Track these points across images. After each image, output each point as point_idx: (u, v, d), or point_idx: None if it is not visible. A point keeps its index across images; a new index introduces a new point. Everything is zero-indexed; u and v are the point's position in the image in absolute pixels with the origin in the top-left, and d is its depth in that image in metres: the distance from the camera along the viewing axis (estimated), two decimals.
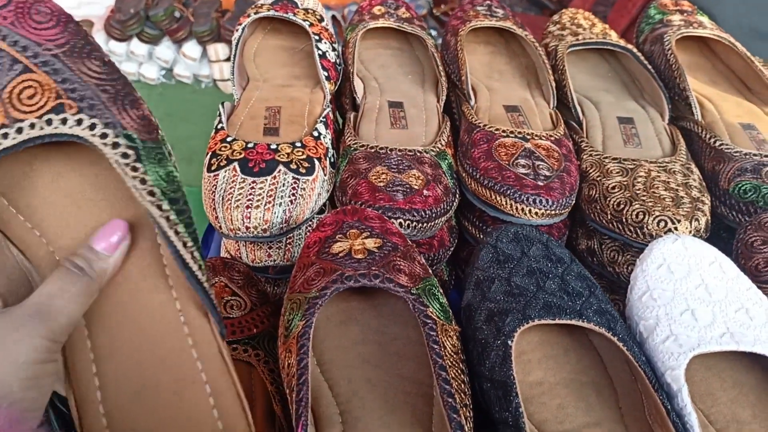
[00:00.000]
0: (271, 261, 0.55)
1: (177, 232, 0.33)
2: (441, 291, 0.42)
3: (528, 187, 0.53)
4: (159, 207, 0.33)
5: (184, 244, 0.33)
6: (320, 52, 0.67)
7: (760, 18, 0.98)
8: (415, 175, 0.55)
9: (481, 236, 0.59)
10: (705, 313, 0.38)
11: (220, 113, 0.60)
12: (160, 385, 0.33)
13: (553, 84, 0.66)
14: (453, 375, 0.36)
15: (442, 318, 0.39)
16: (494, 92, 0.67)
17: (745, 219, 0.55)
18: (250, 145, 0.55)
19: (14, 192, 0.35)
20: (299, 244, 0.55)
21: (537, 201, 0.53)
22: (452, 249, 0.60)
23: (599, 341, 0.41)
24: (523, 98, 0.66)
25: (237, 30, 0.69)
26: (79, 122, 0.33)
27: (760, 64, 0.68)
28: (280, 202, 0.52)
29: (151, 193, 0.34)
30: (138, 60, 2.26)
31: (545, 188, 0.53)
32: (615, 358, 0.40)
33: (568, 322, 0.38)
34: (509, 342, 0.36)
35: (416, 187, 0.54)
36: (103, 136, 0.33)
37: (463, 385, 0.36)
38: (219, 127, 0.58)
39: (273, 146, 0.55)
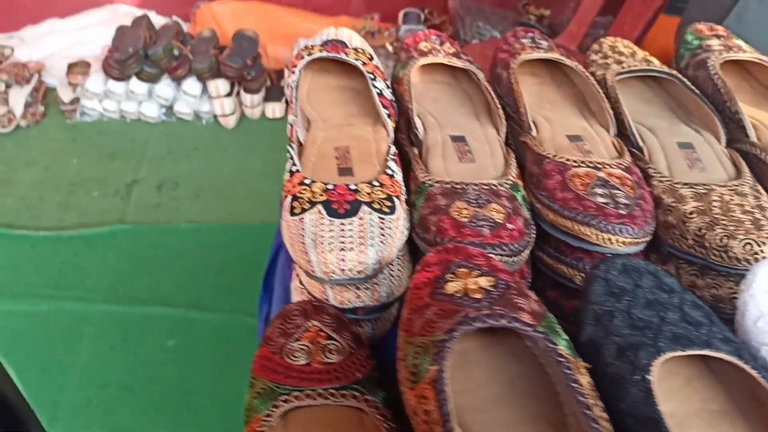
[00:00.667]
0: (359, 302, 0.54)
1: None
2: (560, 326, 0.42)
3: (612, 216, 0.54)
4: None
5: None
6: (377, 91, 0.68)
7: None
8: (495, 208, 0.55)
9: (559, 266, 0.59)
10: None
11: (291, 155, 0.60)
12: None
13: (611, 112, 0.67)
14: (597, 414, 0.36)
15: (571, 355, 0.39)
16: (553, 122, 0.68)
17: None
18: (329, 187, 0.55)
19: None
20: (385, 284, 0.55)
21: (623, 230, 0.53)
22: (530, 280, 0.60)
23: (723, 369, 0.42)
24: (582, 127, 0.68)
25: (293, 73, 0.69)
26: None
27: None
28: (372, 243, 0.52)
29: None
30: (138, 99, 2.26)
31: (629, 216, 0.54)
32: (742, 385, 0.41)
33: (700, 352, 0.38)
34: (648, 377, 0.37)
35: (499, 221, 0.54)
36: None
37: (606, 423, 0.36)
38: (294, 169, 0.58)
39: (352, 186, 0.55)
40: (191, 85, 2.25)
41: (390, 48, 2.39)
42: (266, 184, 2.10)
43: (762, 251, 0.52)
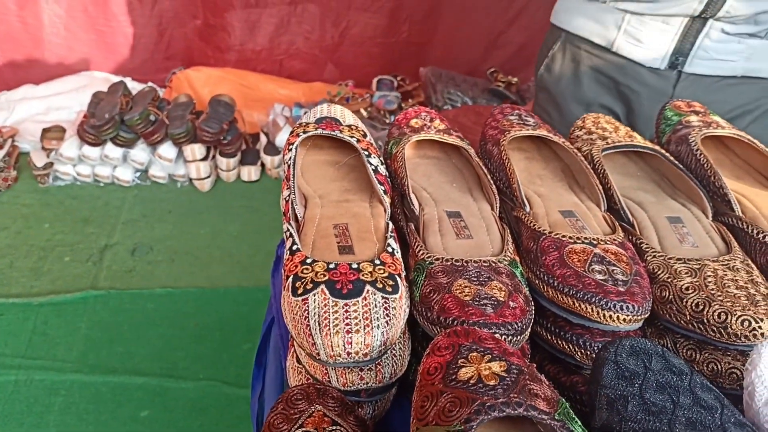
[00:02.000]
0: (363, 384, 0.54)
1: None
2: (573, 411, 0.42)
3: (612, 293, 0.55)
4: None
5: None
6: (372, 167, 0.69)
7: None
8: (497, 286, 0.56)
9: (558, 342, 0.59)
10: None
11: (291, 234, 0.60)
12: None
13: (600, 187, 0.69)
14: None
15: None
16: (544, 198, 0.70)
17: None
18: (331, 266, 0.55)
19: None
20: (388, 364, 0.55)
21: (623, 307, 0.54)
22: (530, 357, 0.60)
23: None
24: (574, 203, 0.69)
25: (289, 150, 0.70)
26: None
27: None
28: (377, 324, 0.51)
29: None
30: (112, 163, 2.25)
31: (628, 293, 0.55)
32: None
33: None
34: None
35: (502, 299, 0.55)
36: None
37: None
38: (295, 248, 0.58)
39: (354, 266, 0.55)
40: (167, 149, 2.25)
41: (365, 113, 2.44)
42: (243, 247, 2.09)
43: (760, 327, 0.53)
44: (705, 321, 0.55)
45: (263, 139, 2.41)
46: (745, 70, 1.02)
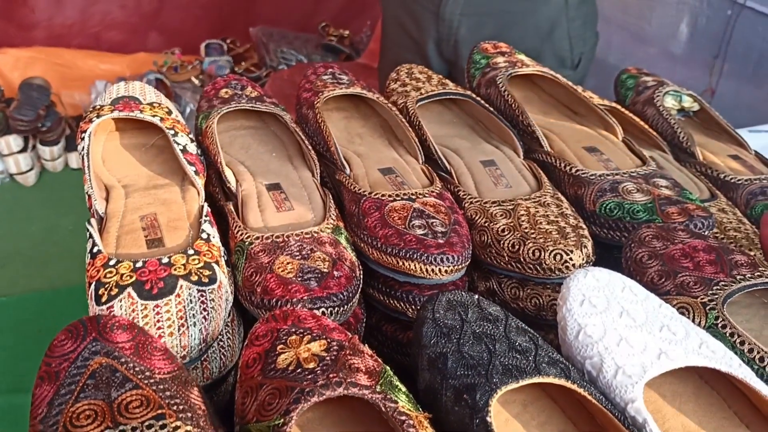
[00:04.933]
0: None
1: None
2: (397, 378, 0.42)
3: (432, 247, 0.55)
4: None
5: None
6: (180, 147, 0.64)
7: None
8: (320, 257, 0.54)
9: (390, 301, 0.59)
10: (637, 339, 0.42)
11: (90, 234, 0.55)
12: None
13: (416, 140, 0.69)
14: None
15: (413, 409, 0.39)
16: (364, 157, 0.68)
17: (615, 235, 0.62)
18: (138, 264, 0.51)
19: None
20: (215, 358, 0.52)
21: (443, 259, 0.55)
22: (365, 320, 0.59)
23: (553, 390, 0.44)
24: (392, 158, 0.69)
25: (82, 139, 0.63)
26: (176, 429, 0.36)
27: (582, 91, 0.77)
28: (194, 322, 0.48)
29: None
30: None
31: (447, 245, 0.55)
32: (573, 404, 0.43)
33: (531, 381, 0.40)
34: (488, 419, 0.37)
35: (326, 270, 0.53)
36: None
37: None
38: (95, 251, 0.53)
39: (164, 260, 0.51)
40: None
41: (196, 81, 2.31)
42: (81, 240, 1.92)
43: (571, 258, 0.56)
44: (521, 260, 0.57)
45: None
46: None
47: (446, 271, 0.55)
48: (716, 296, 0.48)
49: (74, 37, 2.54)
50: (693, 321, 0.47)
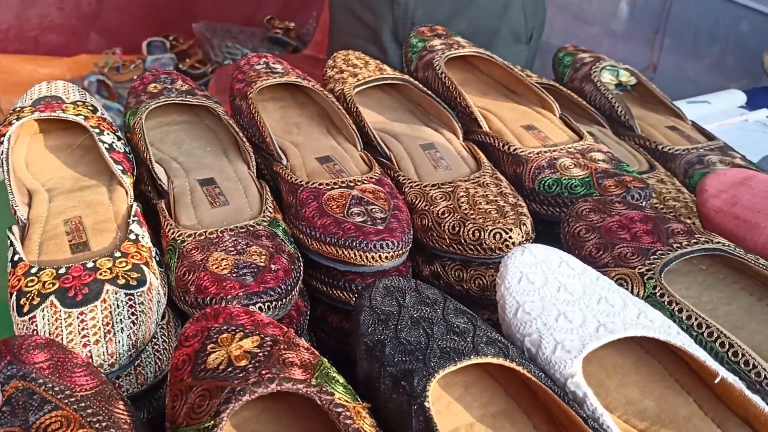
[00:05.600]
0: (125, 392, 0.48)
1: None
2: (335, 369, 0.40)
3: (371, 234, 0.54)
4: None
5: None
6: (106, 146, 0.62)
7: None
8: (257, 251, 0.53)
9: (334, 291, 0.58)
10: (575, 313, 0.42)
11: (11, 242, 0.52)
12: None
13: (354, 127, 0.68)
14: None
15: (350, 400, 0.38)
16: (301, 147, 0.67)
17: (555, 211, 0.61)
18: (61, 271, 0.48)
19: None
20: (150, 362, 0.50)
21: (383, 246, 0.53)
22: (309, 312, 0.58)
23: (495, 369, 0.43)
24: (331, 147, 0.67)
25: (1, 143, 0.60)
26: None
27: (520, 70, 0.77)
28: (121, 328, 0.46)
29: None
30: None
31: (387, 231, 0.54)
32: (515, 382, 0.42)
33: (469, 362, 0.39)
34: (426, 404, 0.36)
35: (262, 264, 0.52)
36: None
37: None
38: (16, 259, 0.50)
39: (89, 264, 0.49)
40: None
41: None
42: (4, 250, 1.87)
43: (510, 237, 0.55)
44: (462, 241, 0.56)
45: None
46: None
47: (386, 258, 0.54)
48: (654, 266, 0.48)
49: (10, 42, 2.46)
50: (632, 292, 0.47)
